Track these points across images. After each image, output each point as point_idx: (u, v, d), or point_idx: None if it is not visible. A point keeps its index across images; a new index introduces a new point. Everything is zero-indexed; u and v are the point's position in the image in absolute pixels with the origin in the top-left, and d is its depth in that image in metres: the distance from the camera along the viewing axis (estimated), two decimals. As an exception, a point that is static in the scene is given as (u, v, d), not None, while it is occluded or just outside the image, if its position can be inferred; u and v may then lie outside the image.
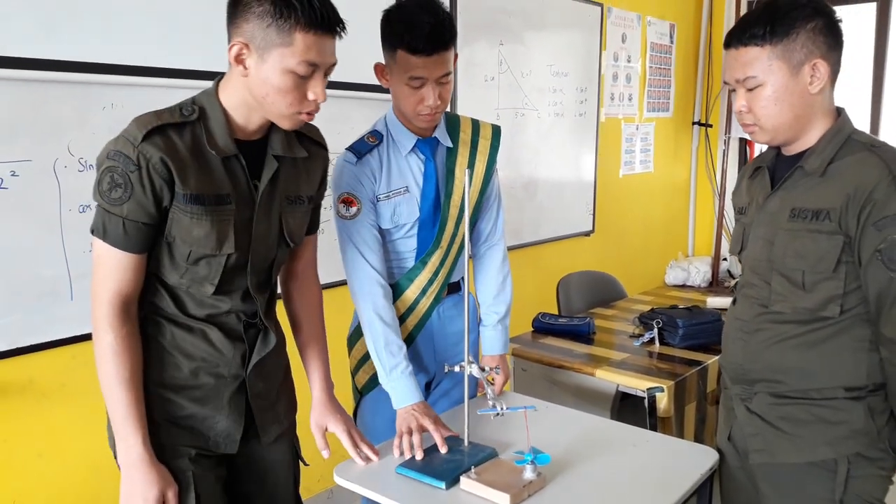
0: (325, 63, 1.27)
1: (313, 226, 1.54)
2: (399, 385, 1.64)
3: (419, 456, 1.50)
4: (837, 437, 1.38)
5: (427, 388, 1.85)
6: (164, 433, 1.32)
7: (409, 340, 1.76)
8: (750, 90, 1.38)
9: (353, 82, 2.50)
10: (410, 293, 1.75)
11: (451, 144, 1.74)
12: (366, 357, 1.77)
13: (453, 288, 1.82)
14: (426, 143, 1.72)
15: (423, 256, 1.73)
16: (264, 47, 1.22)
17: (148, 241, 1.27)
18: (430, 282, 1.75)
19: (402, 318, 1.75)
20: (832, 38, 1.35)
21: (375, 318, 1.66)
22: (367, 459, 1.52)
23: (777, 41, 1.33)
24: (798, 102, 1.36)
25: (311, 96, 1.27)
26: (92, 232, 1.26)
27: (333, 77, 1.33)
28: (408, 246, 1.73)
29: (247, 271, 1.36)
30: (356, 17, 2.53)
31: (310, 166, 1.46)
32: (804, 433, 1.41)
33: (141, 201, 1.23)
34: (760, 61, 1.34)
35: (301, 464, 1.58)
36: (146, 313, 1.33)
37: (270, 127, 1.36)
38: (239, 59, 1.24)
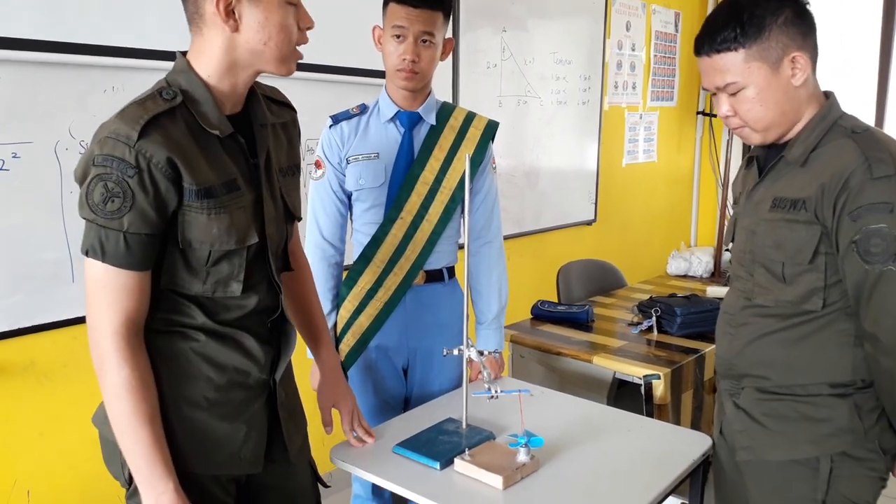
0: None
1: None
2: None
3: (369, 440, 1.54)
4: (821, 434, 1.35)
5: (404, 374, 1.86)
6: (193, 461, 1.18)
7: (384, 316, 1.79)
8: (733, 94, 1.34)
9: (354, 67, 2.48)
10: (375, 265, 1.78)
11: (433, 122, 1.78)
12: (344, 330, 1.81)
13: (435, 276, 1.82)
14: (406, 116, 1.76)
15: (383, 222, 1.77)
16: None
17: (153, 254, 1.12)
18: (398, 255, 1.77)
19: (373, 291, 1.78)
20: (805, 26, 1.30)
21: None
22: (361, 442, 1.53)
23: (751, 42, 1.28)
24: (783, 98, 1.31)
25: (302, 25, 1.18)
26: (86, 253, 1.09)
27: (334, 62, 1.28)
28: (378, 216, 1.78)
29: (268, 258, 1.26)
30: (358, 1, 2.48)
31: (290, 133, 1.36)
32: (788, 430, 1.38)
33: (143, 210, 1.08)
34: (738, 65, 1.30)
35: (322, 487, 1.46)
36: (164, 327, 1.18)
37: (248, 98, 1.24)
38: (229, 12, 1.11)
